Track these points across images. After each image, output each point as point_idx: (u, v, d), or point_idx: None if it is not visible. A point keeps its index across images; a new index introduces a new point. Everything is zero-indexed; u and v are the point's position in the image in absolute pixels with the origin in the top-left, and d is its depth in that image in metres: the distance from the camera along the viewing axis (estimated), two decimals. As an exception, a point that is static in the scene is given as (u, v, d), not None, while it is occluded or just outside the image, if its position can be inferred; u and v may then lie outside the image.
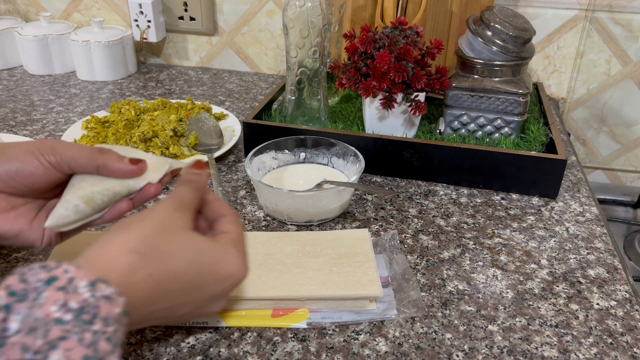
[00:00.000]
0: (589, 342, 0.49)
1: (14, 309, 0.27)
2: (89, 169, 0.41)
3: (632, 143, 1.05)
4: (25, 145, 0.41)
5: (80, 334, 0.27)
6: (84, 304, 0.28)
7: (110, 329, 0.28)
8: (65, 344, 0.26)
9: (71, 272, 0.29)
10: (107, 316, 0.29)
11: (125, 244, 0.34)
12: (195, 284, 0.36)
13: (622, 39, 0.97)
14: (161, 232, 0.35)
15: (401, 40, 0.72)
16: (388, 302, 0.52)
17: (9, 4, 1.22)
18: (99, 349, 0.27)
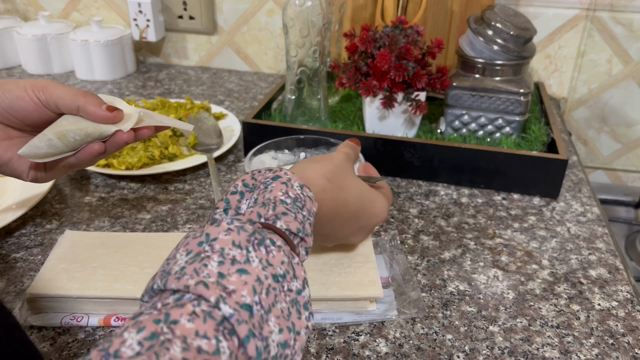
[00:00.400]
0: (590, 342, 0.49)
1: (245, 196, 0.39)
2: (72, 108, 0.45)
3: (633, 143, 1.05)
4: (21, 82, 0.46)
5: (295, 213, 0.37)
6: (298, 196, 0.38)
7: (311, 218, 0.39)
8: (286, 218, 0.36)
9: (289, 175, 0.40)
10: (310, 209, 0.39)
11: (319, 171, 0.44)
12: (356, 214, 0.47)
13: (623, 39, 0.97)
14: (341, 170, 0.46)
15: (402, 39, 0.72)
16: (388, 302, 0.52)
17: (7, 4, 1.21)
18: (305, 228, 0.37)
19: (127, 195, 0.70)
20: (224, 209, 0.38)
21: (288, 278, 0.32)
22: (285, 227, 0.36)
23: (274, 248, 0.33)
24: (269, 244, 0.33)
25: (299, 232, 0.37)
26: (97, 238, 0.56)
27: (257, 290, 0.30)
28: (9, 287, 0.53)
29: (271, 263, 0.32)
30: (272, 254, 0.32)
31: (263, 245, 0.32)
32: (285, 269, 0.32)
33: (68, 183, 0.72)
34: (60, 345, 0.47)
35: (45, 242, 0.60)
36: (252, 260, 0.31)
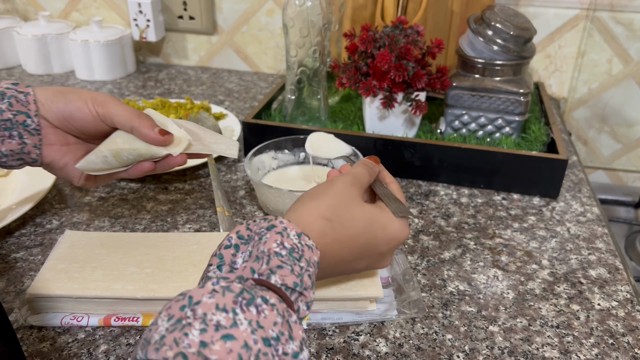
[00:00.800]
0: (590, 342, 0.49)
1: (240, 249, 0.36)
2: (126, 127, 0.49)
3: (633, 143, 1.05)
4: (82, 94, 0.50)
5: (292, 266, 0.35)
6: (294, 246, 0.36)
7: (311, 269, 0.36)
8: (281, 272, 0.34)
9: (285, 223, 0.37)
10: (309, 259, 0.36)
11: (317, 211, 0.41)
12: (368, 245, 0.43)
13: (624, 39, 0.97)
14: (342, 203, 0.42)
15: (402, 39, 0.72)
16: (388, 302, 0.52)
17: (7, 4, 1.21)
18: (304, 281, 0.35)
19: (127, 195, 0.70)
20: (218, 265, 0.36)
21: (283, 340, 0.29)
22: (281, 282, 0.33)
23: (266, 307, 0.30)
24: (260, 302, 0.30)
25: (296, 286, 0.34)
26: (97, 238, 0.56)
27: (244, 358, 0.27)
28: (9, 287, 0.53)
29: (262, 325, 0.29)
30: (263, 314, 0.30)
31: (253, 304, 0.30)
32: (279, 330, 0.30)
33: (68, 183, 0.72)
34: (60, 345, 0.47)
35: (45, 242, 0.60)
36: (240, 324, 0.28)
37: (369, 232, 0.43)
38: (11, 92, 0.48)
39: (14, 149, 0.48)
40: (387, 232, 0.44)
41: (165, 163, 0.51)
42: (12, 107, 0.47)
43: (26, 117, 0.48)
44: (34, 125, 0.48)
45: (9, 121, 0.47)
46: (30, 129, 0.48)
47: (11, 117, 0.47)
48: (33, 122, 0.48)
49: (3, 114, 0.47)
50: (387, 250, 0.45)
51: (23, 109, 0.48)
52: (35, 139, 0.49)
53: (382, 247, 0.44)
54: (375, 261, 0.45)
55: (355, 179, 0.45)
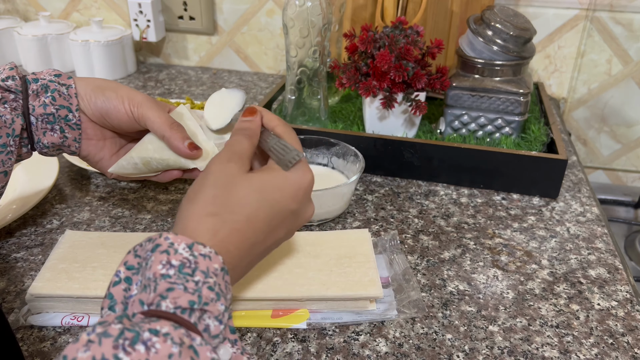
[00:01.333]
0: (589, 342, 0.49)
1: (133, 280, 0.33)
2: (158, 135, 0.50)
3: (633, 143, 1.05)
4: (121, 92, 0.50)
5: (184, 284, 0.31)
6: (185, 261, 0.32)
7: (211, 280, 0.32)
8: (173, 294, 0.31)
9: (171, 239, 0.33)
10: (206, 270, 0.33)
11: (199, 212, 0.37)
12: (273, 214, 0.40)
13: (623, 39, 0.97)
14: (223, 189, 0.38)
15: (401, 39, 0.72)
16: (388, 302, 0.52)
17: (8, 4, 1.21)
18: (202, 295, 0.31)
19: (127, 195, 0.70)
20: (110, 307, 0.32)
21: None
22: (173, 306, 0.30)
23: (157, 340, 0.27)
24: (149, 337, 0.27)
25: (194, 304, 0.31)
26: (97, 238, 0.56)
27: None
28: (10, 287, 0.54)
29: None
30: (154, 348, 0.27)
31: (139, 342, 0.27)
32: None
33: (68, 183, 0.72)
34: (61, 345, 0.47)
35: (46, 242, 0.60)
36: None
37: (266, 202, 0.39)
38: (54, 85, 0.49)
39: (55, 142, 0.49)
40: (285, 191, 0.40)
41: (194, 174, 0.51)
42: (55, 101, 0.48)
43: (68, 112, 0.49)
44: (75, 120, 0.49)
45: (51, 115, 0.48)
46: (71, 123, 0.49)
47: (54, 111, 0.48)
48: (74, 117, 0.49)
49: (46, 108, 0.48)
50: (299, 204, 0.41)
51: (65, 103, 0.49)
52: (75, 133, 0.50)
53: (291, 206, 0.40)
54: (291, 222, 0.42)
55: (231, 152, 0.41)
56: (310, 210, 0.43)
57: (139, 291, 0.32)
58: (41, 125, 0.48)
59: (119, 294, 0.33)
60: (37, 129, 0.49)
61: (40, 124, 0.48)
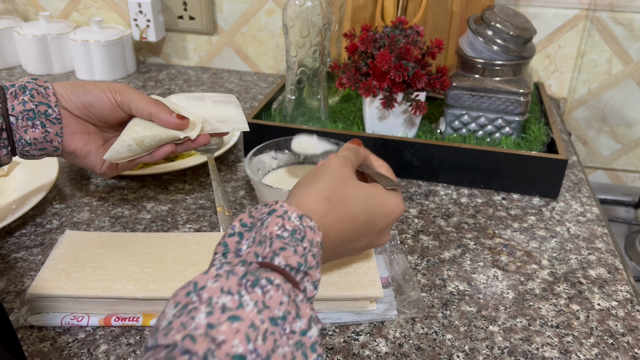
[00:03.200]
0: (590, 342, 0.49)
1: (245, 236, 0.37)
2: (144, 113, 0.53)
3: (633, 143, 1.05)
4: (99, 84, 0.53)
5: (294, 247, 0.35)
6: (296, 228, 0.36)
7: (314, 249, 0.36)
8: (285, 253, 0.34)
9: (285, 207, 0.37)
10: (312, 240, 0.37)
11: (316, 194, 0.41)
12: (368, 222, 0.44)
13: (623, 39, 0.97)
14: (340, 183, 0.43)
15: (401, 39, 0.72)
16: (388, 302, 0.52)
17: (7, 4, 1.21)
18: (308, 260, 0.35)
19: (127, 195, 0.70)
20: (223, 253, 0.36)
21: (290, 319, 0.30)
22: (285, 263, 0.34)
23: (271, 287, 0.31)
24: (265, 283, 0.31)
25: (300, 266, 0.35)
26: (97, 238, 0.56)
27: (252, 337, 0.28)
28: (9, 287, 0.54)
29: (268, 305, 0.30)
30: (269, 294, 0.30)
31: (258, 286, 0.31)
32: (285, 309, 0.30)
33: (68, 183, 0.72)
34: (60, 345, 0.47)
35: (46, 242, 0.60)
36: (246, 305, 0.29)
37: (367, 209, 0.44)
38: (32, 85, 0.51)
39: (38, 137, 0.51)
40: (384, 208, 0.45)
41: (184, 147, 0.55)
42: (34, 98, 0.50)
43: (47, 107, 0.51)
44: (55, 115, 0.51)
45: (31, 111, 0.50)
46: (51, 118, 0.51)
47: (33, 107, 0.50)
48: (54, 112, 0.51)
49: (26, 104, 0.50)
50: (385, 226, 0.46)
51: (44, 100, 0.51)
52: (56, 127, 0.51)
53: (380, 223, 0.45)
54: (374, 238, 0.46)
55: (346, 159, 0.46)
56: (386, 238, 0.48)
57: (254, 245, 0.36)
58: (22, 123, 0.50)
59: (232, 244, 0.37)
60: (17, 128, 0.50)
61: (20, 122, 0.50)
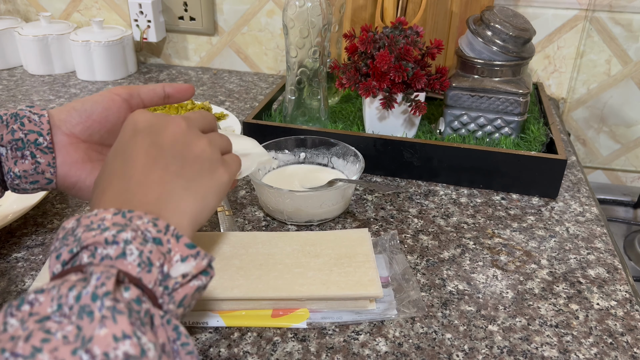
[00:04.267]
0: (589, 342, 0.49)
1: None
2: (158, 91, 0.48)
3: (632, 143, 1.05)
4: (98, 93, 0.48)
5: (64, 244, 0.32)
6: (69, 230, 0.32)
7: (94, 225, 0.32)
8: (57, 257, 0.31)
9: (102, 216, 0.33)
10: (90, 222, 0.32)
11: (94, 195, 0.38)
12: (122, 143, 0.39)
13: (622, 39, 0.97)
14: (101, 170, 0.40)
15: (401, 40, 0.72)
16: (388, 302, 0.52)
17: (8, 4, 1.22)
18: (81, 239, 0.31)
19: (127, 195, 0.70)
20: None
21: (63, 300, 0.27)
22: (60, 265, 0.31)
23: (41, 295, 0.27)
24: (34, 297, 0.28)
25: (73, 250, 0.31)
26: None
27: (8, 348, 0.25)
28: (10, 287, 0.54)
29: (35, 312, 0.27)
30: (37, 302, 0.27)
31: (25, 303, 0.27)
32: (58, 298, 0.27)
33: (69, 183, 0.72)
34: (62, 344, 0.47)
35: (47, 242, 0.61)
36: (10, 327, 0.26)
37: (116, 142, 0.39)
38: (24, 112, 0.47)
39: (27, 169, 0.46)
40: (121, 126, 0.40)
41: None
42: (24, 126, 0.46)
43: (38, 136, 0.46)
44: (46, 144, 0.46)
45: (20, 140, 0.46)
46: (42, 147, 0.46)
47: (22, 136, 0.46)
48: (45, 140, 0.46)
49: (14, 133, 0.46)
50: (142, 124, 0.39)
51: (35, 128, 0.46)
52: (48, 157, 0.46)
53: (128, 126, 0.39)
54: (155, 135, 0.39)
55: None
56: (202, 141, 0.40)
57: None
58: (11, 154, 0.46)
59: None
60: (7, 159, 0.46)
61: (10, 153, 0.46)
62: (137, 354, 0.25)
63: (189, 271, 0.32)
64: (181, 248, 0.33)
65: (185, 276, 0.32)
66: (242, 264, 0.52)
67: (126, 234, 0.31)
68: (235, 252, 0.54)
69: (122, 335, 0.26)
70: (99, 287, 0.28)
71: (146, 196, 0.35)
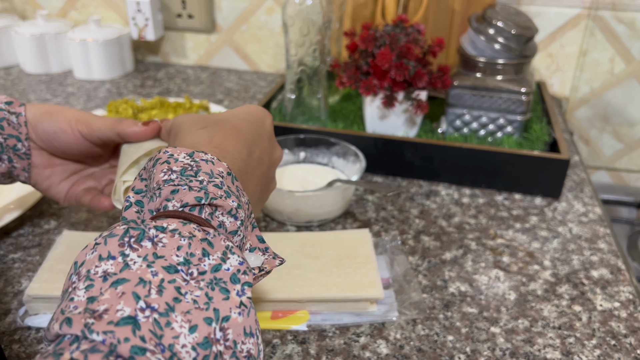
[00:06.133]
0: (592, 343, 0.48)
1: (145, 202, 0.33)
2: (111, 134, 0.48)
3: (635, 142, 1.05)
4: (68, 113, 0.48)
5: (187, 184, 0.32)
6: (186, 166, 0.33)
7: (217, 179, 0.33)
8: (178, 195, 0.31)
9: (170, 151, 0.34)
10: (211, 171, 0.33)
11: (190, 129, 0.39)
12: (253, 130, 0.42)
13: (626, 38, 0.96)
14: (200, 116, 0.42)
15: (402, 38, 0.71)
16: (389, 303, 0.51)
17: (5, 2, 1.21)
18: (209, 191, 0.32)
19: (125, 195, 0.69)
20: None
21: (195, 260, 0.28)
22: (180, 205, 0.31)
23: (164, 235, 0.28)
24: (155, 233, 0.28)
25: (200, 200, 0.31)
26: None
27: (142, 294, 0.25)
28: (7, 288, 0.53)
29: (161, 254, 0.27)
30: (160, 243, 0.28)
31: (145, 238, 0.28)
32: (186, 252, 0.28)
33: (66, 183, 0.72)
34: (58, 347, 0.47)
35: (43, 242, 0.60)
36: (132, 263, 0.27)
37: (242, 120, 0.42)
38: (3, 113, 0.47)
39: (3, 171, 0.48)
40: (252, 114, 0.43)
41: None
42: (4, 130, 0.47)
43: (17, 141, 0.47)
44: (24, 150, 0.48)
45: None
46: (20, 153, 0.48)
47: (2, 140, 0.47)
48: (24, 147, 0.48)
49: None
50: (269, 132, 0.44)
51: (14, 132, 0.47)
52: (24, 162, 0.48)
53: (264, 130, 0.43)
54: (271, 150, 0.44)
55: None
56: (279, 149, 0.46)
57: (147, 205, 0.33)
58: None
59: (132, 216, 0.33)
60: None
61: None
62: (255, 355, 0.27)
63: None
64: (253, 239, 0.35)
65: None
66: (241, 265, 0.51)
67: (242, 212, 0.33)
68: (234, 253, 0.53)
69: (250, 333, 0.28)
70: (242, 274, 0.29)
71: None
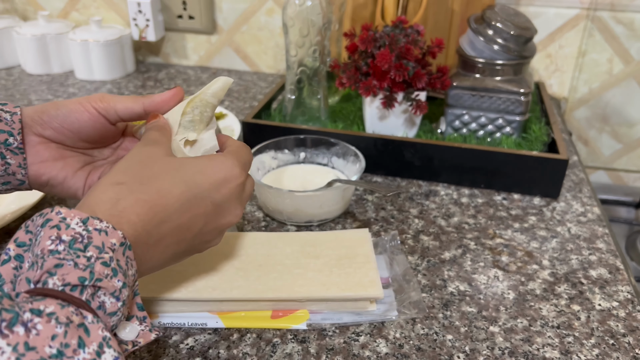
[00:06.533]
0: (590, 343, 0.48)
1: (25, 258, 0.31)
2: (135, 108, 0.44)
3: (634, 143, 1.05)
4: (76, 99, 0.45)
5: (74, 260, 0.30)
6: (77, 236, 0.30)
7: (106, 255, 0.30)
8: (62, 270, 0.29)
9: (63, 213, 0.31)
10: (101, 245, 0.31)
11: (106, 182, 0.36)
12: (191, 196, 0.37)
13: (624, 38, 0.97)
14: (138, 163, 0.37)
15: (402, 39, 0.72)
16: (389, 303, 0.52)
17: (6, 3, 1.21)
18: (94, 270, 0.30)
19: (126, 195, 0.69)
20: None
21: (68, 353, 0.26)
22: (61, 284, 0.29)
23: (39, 320, 0.26)
24: (30, 317, 0.26)
25: (84, 280, 0.29)
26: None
27: None
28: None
29: (33, 345, 0.25)
30: (34, 330, 0.26)
31: (19, 323, 0.25)
32: (60, 343, 0.26)
33: (67, 183, 0.72)
34: (59, 345, 0.47)
35: (44, 242, 0.60)
36: (1, 353, 0.24)
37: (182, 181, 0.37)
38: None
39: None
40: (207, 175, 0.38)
41: None
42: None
43: (8, 136, 0.43)
44: (16, 144, 0.44)
45: None
46: (12, 147, 0.44)
47: None
48: (15, 141, 0.44)
49: None
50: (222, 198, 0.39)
51: (6, 128, 0.43)
52: (19, 158, 0.44)
53: (213, 195, 0.38)
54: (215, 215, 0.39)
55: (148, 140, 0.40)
56: (236, 213, 0.41)
57: (25, 270, 0.30)
58: None
59: (8, 273, 0.30)
60: None
61: None
62: None
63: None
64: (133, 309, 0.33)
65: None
66: (241, 265, 0.51)
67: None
68: (234, 252, 0.53)
69: None
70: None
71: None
